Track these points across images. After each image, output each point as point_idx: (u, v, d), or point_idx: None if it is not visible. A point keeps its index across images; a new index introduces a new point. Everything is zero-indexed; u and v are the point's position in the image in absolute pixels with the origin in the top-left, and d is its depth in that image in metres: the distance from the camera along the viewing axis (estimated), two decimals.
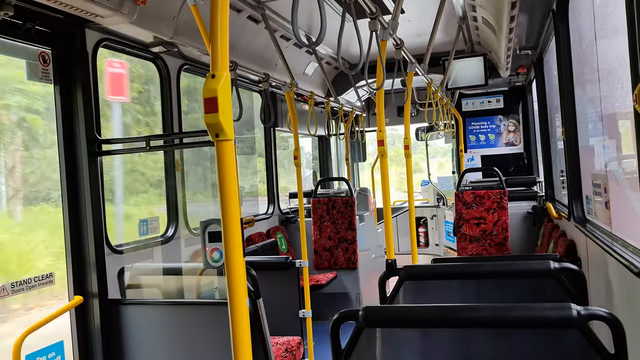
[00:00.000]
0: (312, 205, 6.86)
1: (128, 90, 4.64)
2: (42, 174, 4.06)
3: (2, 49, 3.30)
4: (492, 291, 2.90)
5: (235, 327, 1.47)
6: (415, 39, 6.49)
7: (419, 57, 4.90)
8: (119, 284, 3.86)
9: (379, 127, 3.37)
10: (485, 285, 2.92)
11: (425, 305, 2.10)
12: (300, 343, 4.26)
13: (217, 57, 1.37)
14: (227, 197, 1.42)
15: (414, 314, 2.12)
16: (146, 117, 5.05)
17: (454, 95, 8.38)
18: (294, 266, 4.50)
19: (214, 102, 1.34)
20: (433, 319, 2.08)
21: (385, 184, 3.53)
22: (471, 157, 8.93)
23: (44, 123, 3.90)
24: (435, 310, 2.08)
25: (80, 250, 3.62)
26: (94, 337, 3.62)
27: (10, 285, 3.16)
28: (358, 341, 2.14)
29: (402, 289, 2.92)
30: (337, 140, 9.99)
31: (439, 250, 9.35)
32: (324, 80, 7.50)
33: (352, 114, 8.50)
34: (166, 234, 4.75)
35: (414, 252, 4.35)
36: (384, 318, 2.14)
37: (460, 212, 6.53)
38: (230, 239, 1.44)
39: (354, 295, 6.83)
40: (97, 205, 3.64)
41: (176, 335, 3.60)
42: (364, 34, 2.68)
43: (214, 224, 3.31)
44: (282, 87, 4.67)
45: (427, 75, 5.12)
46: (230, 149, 1.40)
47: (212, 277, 3.91)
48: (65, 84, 3.60)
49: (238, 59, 4.85)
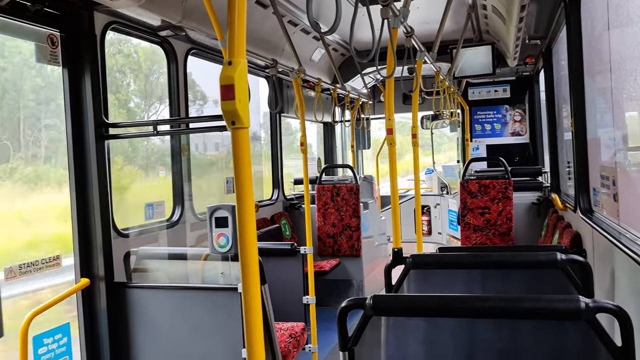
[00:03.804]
0: (317, 192, 6.86)
1: None
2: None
3: (11, 30, 3.28)
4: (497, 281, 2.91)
5: (248, 312, 1.47)
6: (423, 27, 6.44)
7: (427, 45, 4.87)
8: (125, 267, 3.88)
9: (387, 115, 3.36)
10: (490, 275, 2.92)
11: (434, 295, 2.11)
12: (304, 329, 4.29)
13: (234, 44, 1.36)
14: (242, 184, 1.42)
15: (423, 303, 2.13)
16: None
17: (460, 83, 8.33)
18: (299, 253, 4.52)
19: (231, 89, 1.33)
20: (441, 309, 2.09)
21: (393, 173, 3.52)
22: (476, 147, 8.90)
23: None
24: (444, 300, 2.08)
25: (87, 233, 3.63)
26: (100, 320, 3.65)
27: (17, 267, 3.18)
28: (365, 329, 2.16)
29: (408, 278, 2.93)
30: (343, 127, 9.96)
31: (442, 238, 9.37)
32: (330, 67, 7.46)
33: (358, 101, 8.47)
34: (172, 218, 4.76)
35: (419, 241, 4.35)
36: (392, 307, 2.15)
37: (464, 201, 6.52)
38: (244, 225, 1.44)
39: (357, 283, 6.86)
40: (104, 189, 3.65)
41: (181, 318, 3.63)
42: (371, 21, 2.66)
43: (221, 209, 3.32)
44: (290, 74, 4.64)
45: (435, 63, 5.09)
46: (245, 137, 1.40)
47: (217, 262, 3.93)
48: (74, 67, 3.59)
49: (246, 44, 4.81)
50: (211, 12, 3.44)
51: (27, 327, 3.03)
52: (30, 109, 3.98)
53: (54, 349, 3.35)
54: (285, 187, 7.21)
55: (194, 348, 3.58)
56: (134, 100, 5.79)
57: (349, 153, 9.63)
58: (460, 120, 8.81)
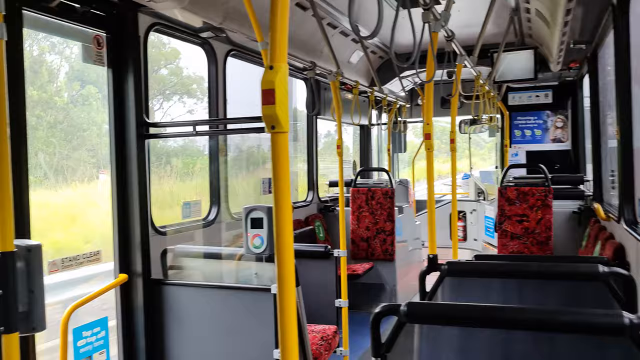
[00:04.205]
0: (352, 194, 6.84)
1: None
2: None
3: (61, 31, 3.39)
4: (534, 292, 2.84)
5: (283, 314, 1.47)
6: (463, 30, 6.34)
7: (467, 49, 4.80)
8: (162, 264, 3.95)
9: (426, 120, 3.32)
10: (527, 286, 2.85)
11: (471, 304, 2.07)
12: (336, 332, 4.28)
13: (276, 49, 1.37)
14: (280, 187, 1.42)
15: (458, 312, 2.09)
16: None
17: (500, 88, 8.17)
18: (332, 255, 4.51)
19: (272, 94, 1.33)
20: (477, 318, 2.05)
21: (431, 178, 3.48)
22: (515, 153, 8.72)
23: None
24: (480, 310, 2.04)
25: (126, 230, 3.71)
26: (137, 315, 3.73)
27: (60, 261, 3.28)
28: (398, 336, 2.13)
29: (443, 285, 2.89)
30: (379, 130, 9.91)
31: (477, 245, 9.21)
32: (368, 69, 7.43)
33: (396, 104, 8.41)
34: (208, 217, 4.83)
35: (455, 247, 4.29)
36: (427, 314, 2.12)
37: (502, 208, 6.39)
38: (281, 227, 1.45)
39: (389, 287, 6.81)
40: (144, 187, 3.72)
41: (214, 317, 3.67)
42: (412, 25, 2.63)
43: (257, 210, 3.34)
44: (328, 76, 4.65)
45: (475, 67, 5.01)
46: (285, 141, 1.40)
47: (251, 262, 3.96)
48: (118, 67, 3.67)
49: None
50: (252, 14, 3.47)
51: (67, 320, 3.12)
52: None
53: (92, 342, 3.44)
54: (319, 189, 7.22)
55: (227, 346, 3.62)
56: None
57: (384, 156, 9.56)
58: (500, 126, 8.65)
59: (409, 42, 2.33)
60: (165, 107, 4.88)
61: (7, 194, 1.74)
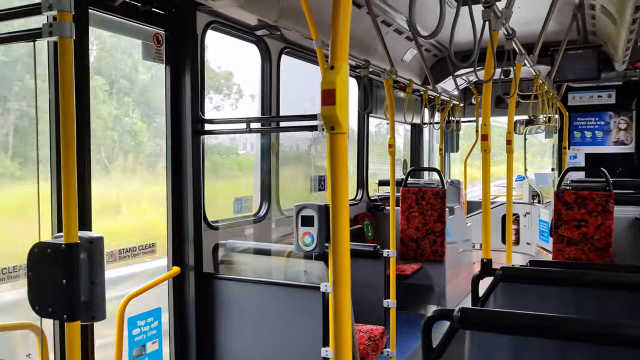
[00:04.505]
0: (402, 194, 6.77)
1: None
2: None
3: (122, 29, 3.50)
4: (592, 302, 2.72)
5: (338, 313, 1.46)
6: (524, 28, 6.14)
7: (527, 47, 4.65)
8: (213, 258, 4.02)
9: (483, 121, 3.23)
10: (585, 295, 2.74)
11: (527, 313, 2.00)
12: (384, 333, 4.24)
13: (337, 49, 1.35)
14: (338, 187, 1.41)
15: (514, 320, 2.03)
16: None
17: (560, 87, 7.88)
18: (381, 255, 4.47)
19: (332, 94, 1.32)
20: (534, 328, 1.98)
21: (486, 180, 3.39)
22: (574, 155, 8.39)
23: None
24: (537, 319, 1.97)
25: (180, 224, 3.80)
26: (188, 307, 3.81)
27: (118, 252, 3.39)
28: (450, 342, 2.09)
29: (496, 291, 2.81)
30: (431, 130, 9.76)
31: (531, 249, 8.94)
32: (421, 68, 7.32)
33: (450, 103, 8.26)
34: (258, 213, 4.88)
35: (509, 252, 4.17)
36: (481, 321, 2.07)
37: (559, 212, 6.17)
38: (338, 227, 1.44)
39: (438, 289, 6.70)
40: (198, 183, 3.80)
41: (263, 312, 3.71)
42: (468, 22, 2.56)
43: (308, 208, 3.34)
44: (382, 74, 4.60)
45: (535, 66, 4.85)
46: (344, 142, 1.39)
47: (300, 259, 3.97)
48: (175, 64, 3.75)
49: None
50: (307, 11, 3.48)
51: (123, 309, 3.22)
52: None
53: (146, 331, 3.54)
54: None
55: (274, 342, 3.65)
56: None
57: (436, 156, 9.41)
58: (558, 127, 8.35)
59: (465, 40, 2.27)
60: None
61: (72, 188, 1.81)
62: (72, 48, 1.83)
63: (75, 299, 1.83)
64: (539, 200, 9.03)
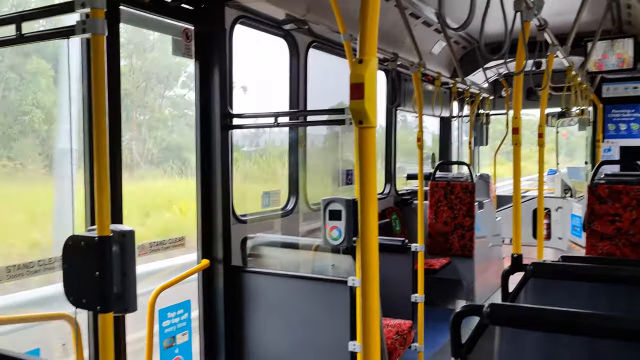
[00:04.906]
0: (430, 188, 6.71)
1: None
2: None
3: (151, 25, 3.55)
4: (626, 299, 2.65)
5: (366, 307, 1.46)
6: (556, 18, 5.99)
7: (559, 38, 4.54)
8: (242, 252, 4.06)
9: (515, 114, 3.18)
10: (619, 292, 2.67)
11: (559, 309, 1.96)
12: (412, 327, 4.22)
13: (366, 42, 1.34)
14: (366, 182, 1.40)
15: (545, 316, 1.99)
16: None
17: (594, 79, 7.69)
18: (409, 250, 4.45)
19: (361, 88, 1.31)
20: (566, 324, 1.94)
21: (517, 174, 3.34)
22: (608, 148, 8.18)
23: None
24: (570, 315, 1.94)
25: (209, 218, 3.84)
26: (218, 299, 3.86)
27: (149, 245, 3.45)
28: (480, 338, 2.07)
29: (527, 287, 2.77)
30: (460, 123, 9.64)
31: (562, 244, 8.77)
32: (450, 60, 7.22)
33: (479, 96, 8.14)
34: (286, 207, 4.90)
35: (540, 247, 4.09)
36: (511, 317, 2.04)
37: (592, 206, 6.03)
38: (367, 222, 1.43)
39: (467, 284, 6.63)
40: (226, 176, 3.83)
41: (291, 305, 3.73)
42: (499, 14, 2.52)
43: (335, 202, 3.35)
44: (410, 67, 4.56)
45: (567, 57, 4.73)
46: (372, 136, 1.38)
47: (327, 253, 3.98)
48: (204, 59, 3.79)
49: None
50: (335, 5, 3.46)
51: (154, 301, 3.28)
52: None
53: (176, 323, 3.60)
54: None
55: (301, 334, 3.67)
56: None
57: (464, 149, 9.30)
58: (592, 119, 8.14)
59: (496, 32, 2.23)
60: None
61: (104, 182, 1.84)
62: (104, 45, 1.86)
63: (107, 290, 1.87)
64: (571, 195, 8.85)
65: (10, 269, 2.75)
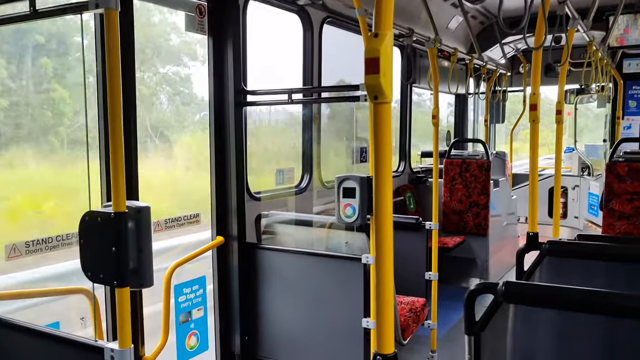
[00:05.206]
0: (445, 166, 6.66)
1: None
2: None
3: (165, 1, 3.52)
4: None
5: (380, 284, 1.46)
6: None
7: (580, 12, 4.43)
8: (256, 229, 4.08)
9: (533, 89, 3.12)
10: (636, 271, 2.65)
11: (575, 287, 1.95)
12: (425, 305, 4.24)
13: (382, 16, 1.31)
14: (381, 158, 1.38)
15: (560, 294, 1.98)
16: None
17: (615, 54, 7.51)
18: (424, 228, 4.44)
19: (376, 62, 1.29)
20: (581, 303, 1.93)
21: (534, 152, 3.29)
22: (628, 125, 8.03)
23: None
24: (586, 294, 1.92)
25: (223, 195, 3.85)
26: (232, 276, 3.89)
27: (164, 221, 3.48)
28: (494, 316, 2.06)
29: (542, 265, 2.75)
30: (476, 100, 9.51)
31: (578, 223, 8.69)
32: (467, 36, 7.10)
33: (496, 72, 8.00)
34: (300, 184, 4.90)
35: (556, 225, 4.06)
36: (526, 295, 2.03)
37: (610, 185, 5.95)
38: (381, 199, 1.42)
39: (481, 262, 6.62)
40: (240, 154, 3.83)
41: (305, 282, 3.75)
42: None
43: (349, 179, 3.33)
44: (426, 43, 4.48)
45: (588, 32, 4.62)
46: (388, 112, 1.36)
47: (341, 231, 3.98)
48: (217, 35, 3.76)
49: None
50: None
51: (170, 277, 3.32)
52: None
53: (192, 299, 3.65)
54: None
55: (315, 311, 3.70)
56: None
57: (480, 127, 9.19)
58: (612, 96, 7.98)
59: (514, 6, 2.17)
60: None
61: (120, 159, 1.85)
62: (117, 20, 1.85)
63: (124, 265, 1.90)
64: (589, 173, 8.73)
65: (29, 244, 2.79)
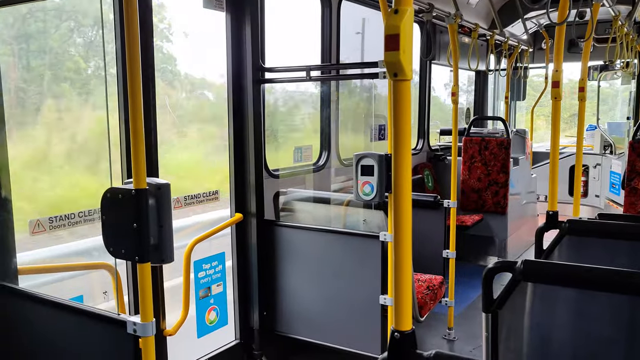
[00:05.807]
0: (464, 144, 6.60)
1: None
2: None
3: None
4: None
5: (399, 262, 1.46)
6: None
7: None
8: (274, 206, 4.11)
9: (556, 66, 3.06)
10: None
11: (596, 267, 1.93)
12: (442, 282, 4.25)
13: None
14: (400, 136, 1.38)
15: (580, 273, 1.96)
16: None
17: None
18: (442, 206, 4.43)
19: (396, 39, 1.27)
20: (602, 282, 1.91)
21: (556, 129, 3.24)
22: None
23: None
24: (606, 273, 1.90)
25: (242, 172, 3.88)
26: (251, 252, 3.94)
27: (183, 198, 3.52)
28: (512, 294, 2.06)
29: (562, 244, 2.73)
30: (496, 77, 9.36)
31: (599, 202, 8.58)
32: (488, 11, 6.95)
33: (518, 48, 7.85)
34: (318, 162, 4.91)
35: (577, 204, 4.01)
36: (545, 273, 2.02)
37: (633, 163, 5.84)
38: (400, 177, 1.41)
39: (499, 241, 6.59)
40: (258, 131, 3.83)
41: (323, 259, 3.78)
42: None
43: (368, 157, 3.33)
44: (446, 19, 4.41)
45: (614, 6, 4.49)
46: (407, 89, 1.34)
47: (359, 209, 3.99)
48: (235, 12, 3.74)
49: None
50: None
51: (189, 253, 3.37)
52: None
53: (211, 274, 3.70)
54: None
55: (333, 288, 3.74)
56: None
57: (501, 104, 9.06)
58: (637, 72, 7.79)
59: None
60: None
61: (140, 136, 1.87)
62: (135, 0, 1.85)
63: (145, 241, 1.93)
64: (611, 151, 8.59)
65: (52, 219, 2.85)
